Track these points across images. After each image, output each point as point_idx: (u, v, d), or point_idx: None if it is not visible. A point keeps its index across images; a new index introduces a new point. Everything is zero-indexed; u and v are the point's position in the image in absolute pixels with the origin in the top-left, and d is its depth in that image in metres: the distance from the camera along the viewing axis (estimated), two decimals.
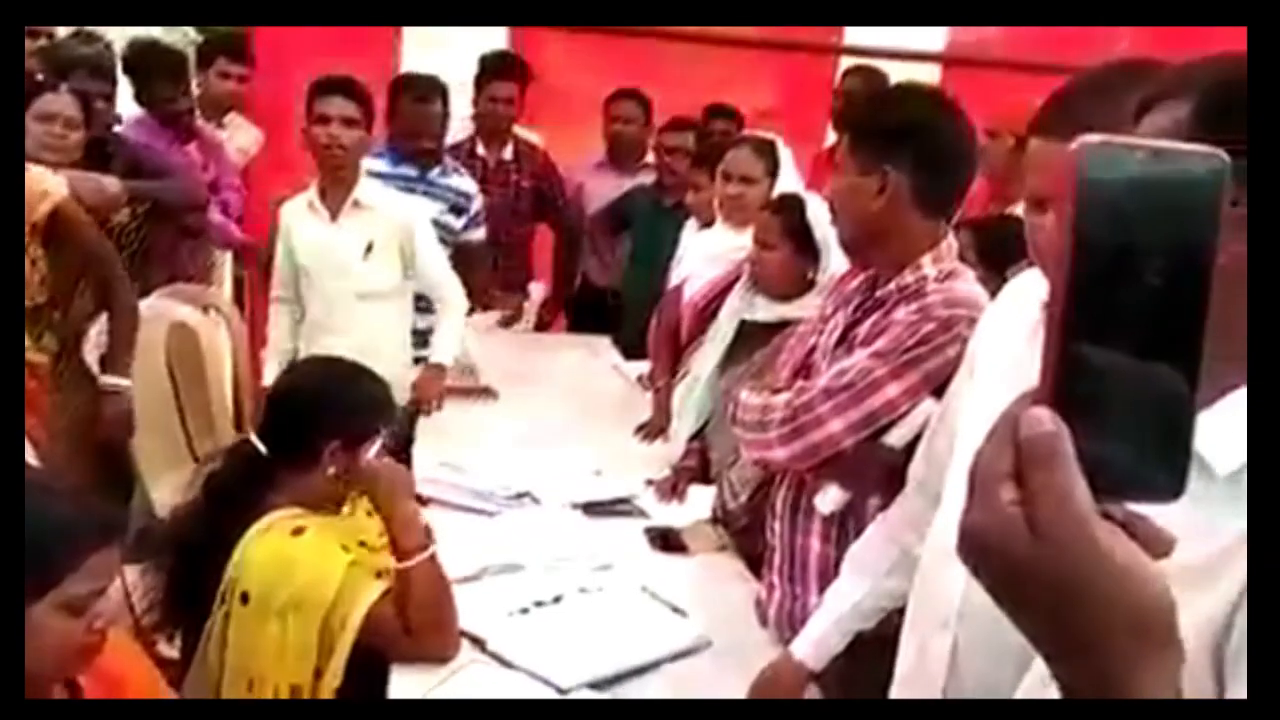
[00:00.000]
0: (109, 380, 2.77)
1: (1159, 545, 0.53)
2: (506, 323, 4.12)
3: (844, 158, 1.80)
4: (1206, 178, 0.52)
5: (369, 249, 3.07)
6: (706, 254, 2.97)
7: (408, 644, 1.78)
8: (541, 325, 4.39)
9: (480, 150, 4.14)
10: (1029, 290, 1.32)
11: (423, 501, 2.47)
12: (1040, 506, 0.52)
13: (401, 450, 2.95)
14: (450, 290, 3.23)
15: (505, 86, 4.09)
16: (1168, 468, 0.53)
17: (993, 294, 1.64)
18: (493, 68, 4.16)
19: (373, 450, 1.90)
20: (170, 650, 2.00)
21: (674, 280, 3.21)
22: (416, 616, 1.76)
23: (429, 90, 3.60)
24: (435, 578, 1.81)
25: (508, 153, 4.16)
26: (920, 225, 1.75)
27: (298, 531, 1.81)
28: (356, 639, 1.73)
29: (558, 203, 4.29)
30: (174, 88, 3.70)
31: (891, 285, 1.77)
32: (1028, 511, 0.52)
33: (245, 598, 1.76)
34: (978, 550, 0.54)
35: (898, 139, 1.73)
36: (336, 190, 3.05)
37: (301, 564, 1.77)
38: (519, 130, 4.43)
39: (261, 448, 1.91)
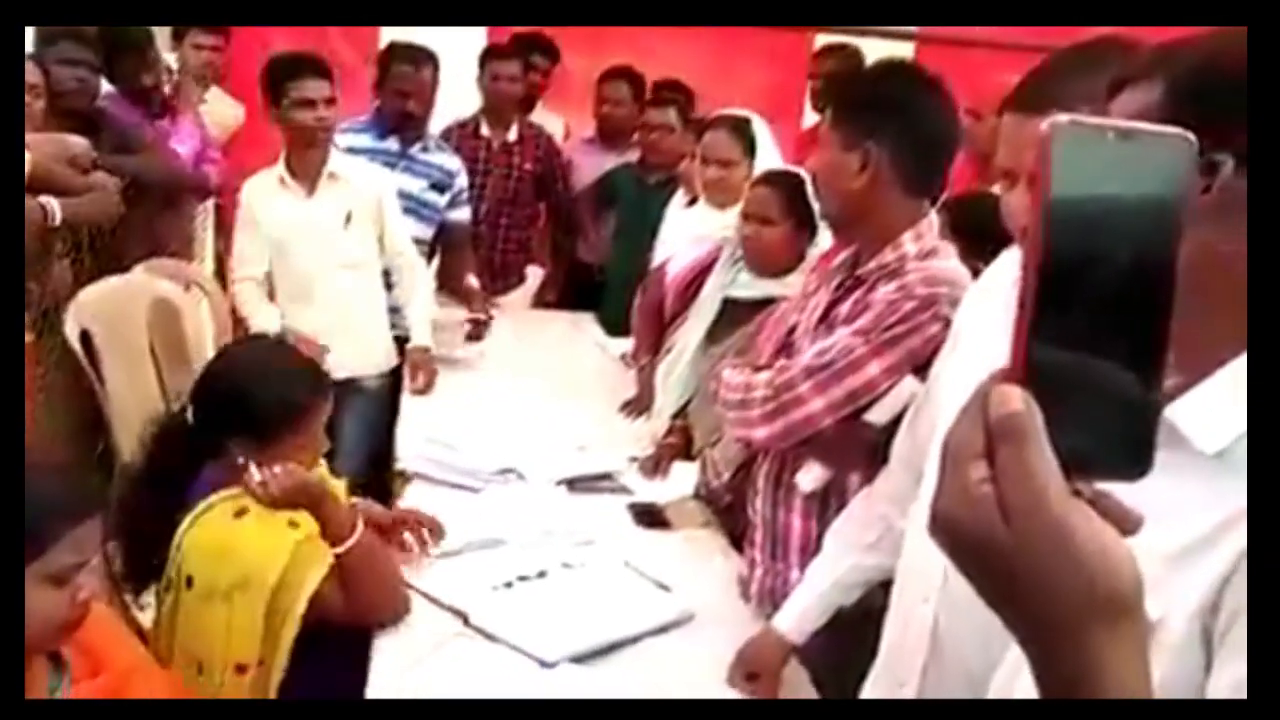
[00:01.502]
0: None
1: (1126, 522, 0.54)
2: (472, 335, 3.58)
3: (826, 134, 1.81)
4: (1174, 159, 0.52)
5: (348, 219, 3.11)
6: (691, 232, 2.97)
7: (355, 616, 1.78)
8: (541, 307, 4.38)
9: (484, 131, 4.11)
10: (1013, 266, 1.33)
11: (408, 477, 2.48)
12: (1009, 485, 0.52)
13: (385, 426, 2.97)
14: (413, 262, 3.29)
15: (509, 65, 4.05)
16: (1135, 446, 0.54)
17: (974, 272, 1.65)
18: (497, 45, 4.14)
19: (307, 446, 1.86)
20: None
21: (657, 258, 3.22)
22: (360, 591, 1.77)
23: (420, 57, 3.60)
24: (369, 555, 1.79)
25: (512, 134, 4.12)
26: (902, 203, 1.76)
27: (240, 513, 1.77)
28: (305, 616, 1.73)
29: (558, 187, 4.28)
30: (139, 63, 3.66)
31: (872, 263, 1.77)
32: (997, 490, 0.52)
33: (190, 582, 1.75)
34: (948, 529, 0.54)
35: (881, 116, 1.73)
36: (309, 165, 3.09)
37: (245, 547, 1.75)
38: (542, 113, 4.43)
39: (190, 419, 1.87)
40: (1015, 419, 0.52)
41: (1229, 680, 0.71)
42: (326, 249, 3.12)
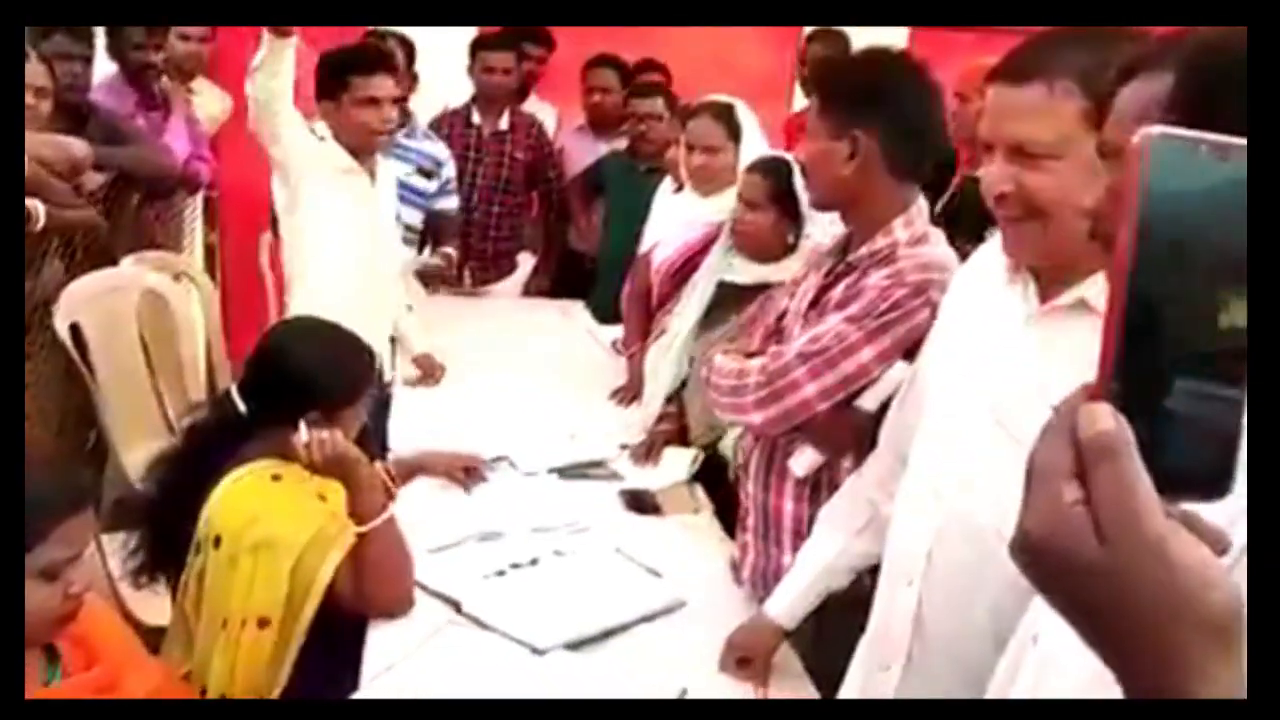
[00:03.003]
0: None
1: (1216, 542, 0.52)
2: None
3: (814, 122, 1.81)
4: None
5: (399, 219, 3.10)
6: (679, 218, 2.96)
7: (362, 602, 1.80)
8: (531, 295, 4.38)
9: (475, 119, 4.10)
10: (997, 252, 1.33)
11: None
12: (1106, 504, 0.50)
13: (378, 416, 2.96)
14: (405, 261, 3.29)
15: (501, 56, 4.04)
16: (1220, 465, 0.52)
17: (961, 255, 1.66)
18: (489, 35, 4.13)
19: (356, 421, 1.91)
20: (148, 617, 2.00)
21: (645, 245, 3.22)
22: (373, 576, 1.78)
23: (389, 37, 3.62)
24: (393, 540, 1.82)
25: (503, 123, 4.12)
26: (891, 189, 1.76)
27: (276, 478, 1.81)
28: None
29: (550, 175, 4.28)
30: (144, 33, 3.61)
31: (863, 249, 1.78)
32: (1092, 510, 0.51)
33: (218, 541, 1.77)
34: (1039, 550, 0.52)
35: (867, 103, 1.74)
36: (370, 162, 2.96)
37: (278, 506, 1.78)
38: (535, 102, 4.43)
39: (240, 405, 1.88)
40: (1107, 437, 0.50)
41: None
42: (387, 249, 3.07)
